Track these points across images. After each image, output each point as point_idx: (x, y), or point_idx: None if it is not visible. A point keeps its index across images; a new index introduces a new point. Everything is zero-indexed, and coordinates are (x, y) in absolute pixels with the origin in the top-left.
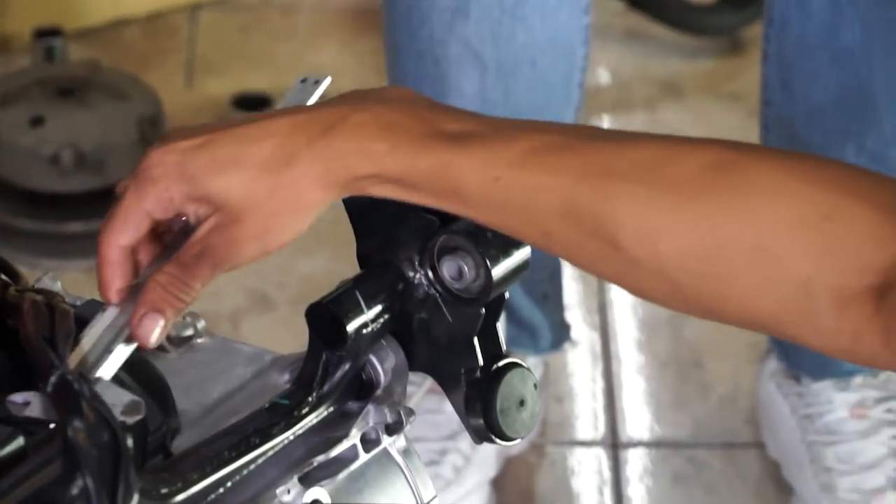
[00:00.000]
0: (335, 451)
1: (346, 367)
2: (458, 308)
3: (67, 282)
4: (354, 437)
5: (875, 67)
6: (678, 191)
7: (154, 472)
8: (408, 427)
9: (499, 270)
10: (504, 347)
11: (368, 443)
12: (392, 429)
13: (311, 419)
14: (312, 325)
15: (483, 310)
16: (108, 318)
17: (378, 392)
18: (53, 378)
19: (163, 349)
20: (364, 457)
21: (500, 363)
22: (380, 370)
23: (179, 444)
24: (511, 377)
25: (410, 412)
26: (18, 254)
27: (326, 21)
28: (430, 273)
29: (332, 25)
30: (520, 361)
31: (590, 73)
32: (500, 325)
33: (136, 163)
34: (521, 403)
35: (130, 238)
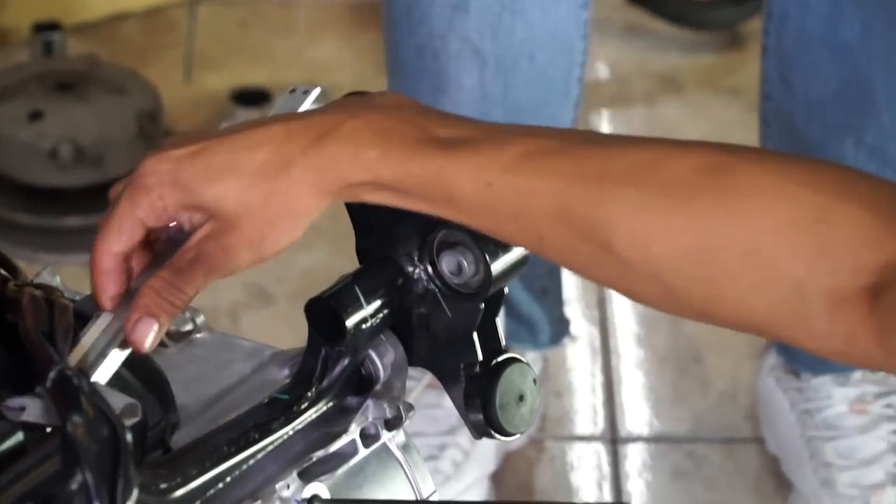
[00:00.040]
0: (334, 447)
1: (346, 362)
2: (458, 303)
3: (66, 276)
4: (354, 433)
5: (874, 62)
6: (671, 194)
7: (153, 468)
8: (407, 422)
9: (498, 265)
10: (503, 342)
11: (368, 438)
12: (391, 424)
13: (311, 414)
14: (312, 320)
15: (482, 305)
16: (102, 324)
17: (377, 387)
18: (52, 373)
19: (162, 344)
20: (363, 452)
21: (500, 358)
22: (379, 365)
23: (179, 439)
24: (510, 372)
25: (410, 407)
26: (17, 248)
27: (325, 15)
28: (430, 268)
29: (331, 20)
30: (519, 356)
31: (589, 68)
32: (500, 320)
33: (135, 157)
34: (521, 398)
35: (124, 245)
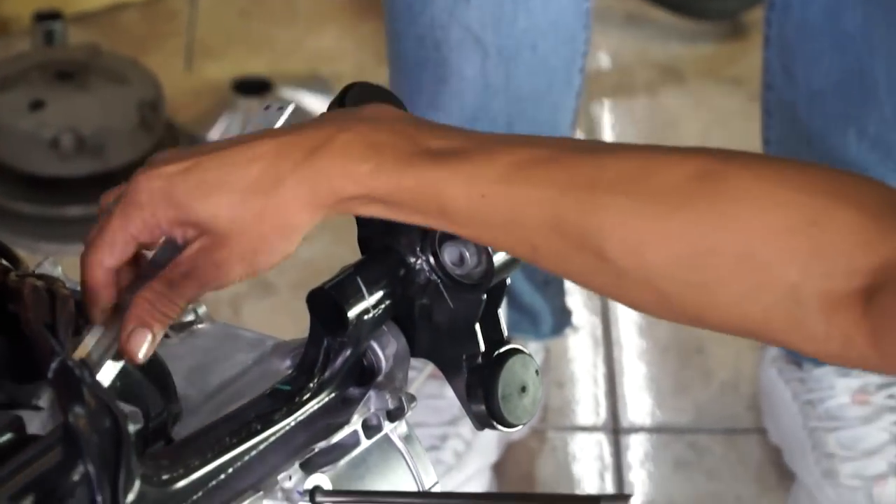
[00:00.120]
0: (336, 437)
1: (348, 353)
2: (460, 294)
3: (67, 266)
4: (356, 423)
5: (876, 52)
6: (663, 201)
7: (155, 458)
8: (409, 413)
9: (500, 256)
10: (505, 333)
11: (370, 429)
12: (393, 415)
13: (313, 405)
14: (314, 311)
15: (484, 296)
16: (95, 337)
17: (379, 378)
18: (54, 364)
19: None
20: (365, 443)
21: (502, 349)
22: (381, 356)
23: (180, 430)
24: (513, 363)
25: (412, 398)
26: (18, 238)
27: (327, 4)
28: (432, 259)
29: (333, 9)
30: (521, 347)
31: (590, 58)
32: (502, 311)
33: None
34: (523, 389)
35: (116, 260)
